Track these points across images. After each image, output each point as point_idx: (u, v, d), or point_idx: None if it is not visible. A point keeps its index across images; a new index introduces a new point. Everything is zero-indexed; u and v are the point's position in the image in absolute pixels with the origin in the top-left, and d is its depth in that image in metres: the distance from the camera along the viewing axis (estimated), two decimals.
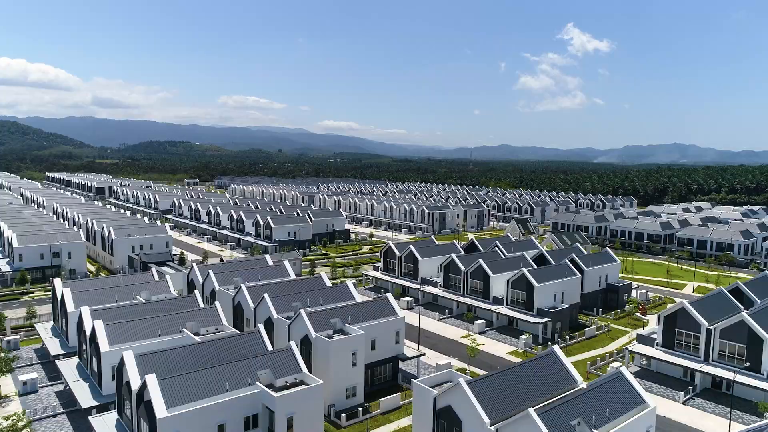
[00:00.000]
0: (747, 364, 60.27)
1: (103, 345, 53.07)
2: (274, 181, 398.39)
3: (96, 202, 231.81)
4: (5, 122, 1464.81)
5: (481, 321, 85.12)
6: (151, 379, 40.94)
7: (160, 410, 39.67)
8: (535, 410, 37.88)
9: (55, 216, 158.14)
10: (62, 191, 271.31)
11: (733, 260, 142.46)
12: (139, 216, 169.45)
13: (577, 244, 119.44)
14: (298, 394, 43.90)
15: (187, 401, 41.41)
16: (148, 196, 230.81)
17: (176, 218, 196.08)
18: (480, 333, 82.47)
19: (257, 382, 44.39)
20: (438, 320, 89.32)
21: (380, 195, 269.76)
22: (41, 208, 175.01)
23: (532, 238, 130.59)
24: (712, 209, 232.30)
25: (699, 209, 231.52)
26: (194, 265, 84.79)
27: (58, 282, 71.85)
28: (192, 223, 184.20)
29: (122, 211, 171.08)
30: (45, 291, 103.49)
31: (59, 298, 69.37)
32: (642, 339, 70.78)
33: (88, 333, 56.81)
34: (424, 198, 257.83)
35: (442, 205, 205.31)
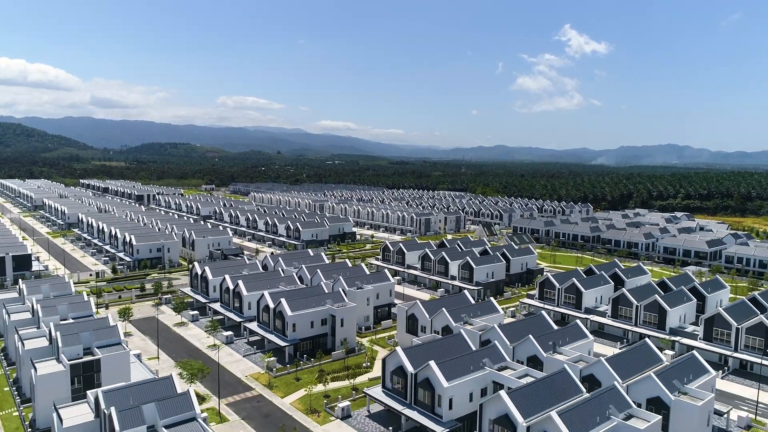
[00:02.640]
0: (575, 305, 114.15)
1: (244, 292, 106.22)
2: (285, 188, 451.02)
3: (158, 210, 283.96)
4: (10, 124, 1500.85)
5: (442, 289, 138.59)
6: (284, 300, 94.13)
7: (288, 313, 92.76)
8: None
9: (138, 222, 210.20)
10: (118, 200, 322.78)
11: (635, 254, 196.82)
12: (185, 220, 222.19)
13: (512, 243, 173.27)
14: (346, 308, 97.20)
15: (299, 310, 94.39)
16: (190, 203, 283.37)
17: (217, 222, 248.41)
18: (441, 296, 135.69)
19: (327, 304, 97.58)
20: (416, 290, 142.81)
21: (378, 202, 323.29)
22: (124, 216, 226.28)
23: (484, 239, 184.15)
24: (646, 215, 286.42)
25: (636, 215, 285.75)
26: (267, 255, 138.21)
27: (196, 264, 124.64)
28: (233, 226, 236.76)
29: (176, 216, 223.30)
30: (158, 273, 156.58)
31: (199, 273, 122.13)
32: (529, 296, 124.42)
33: (231, 288, 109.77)
34: (415, 205, 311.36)
35: (427, 212, 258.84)
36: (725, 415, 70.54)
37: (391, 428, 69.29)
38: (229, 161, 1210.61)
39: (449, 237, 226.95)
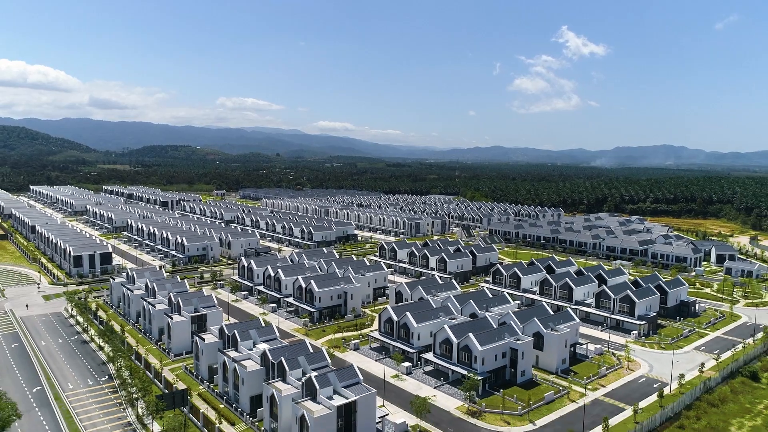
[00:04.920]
0: (516, 287, 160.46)
1: (283, 277, 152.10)
2: (291, 194, 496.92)
3: (191, 216, 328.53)
4: (14, 127, 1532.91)
5: (424, 278, 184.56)
6: (313, 281, 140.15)
7: (316, 290, 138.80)
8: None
9: (180, 226, 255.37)
10: (150, 206, 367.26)
11: (584, 252, 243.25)
12: (218, 224, 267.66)
13: (481, 243, 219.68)
14: (354, 287, 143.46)
15: (323, 288, 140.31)
16: (213, 209, 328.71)
17: (240, 226, 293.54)
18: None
19: (341, 285, 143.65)
20: (404, 278, 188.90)
21: (376, 208, 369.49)
22: (165, 221, 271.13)
23: (461, 239, 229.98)
24: (606, 218, 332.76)
25: (598, 218, 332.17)
26: (293, 251, 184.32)
27: (243, 258, 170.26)
28: (254, 229, 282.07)
29: (208, 221, 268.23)
30: (205, 267, 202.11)
31: (246, 265, 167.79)
32: (486, 282, 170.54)
33: (272, 275, 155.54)
34: (408, 210, 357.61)
35: (417, 216, 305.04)
36: (584, 346, 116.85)
37: (383, 353, 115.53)
38: (230, 163, 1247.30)
39: (435, 238, 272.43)
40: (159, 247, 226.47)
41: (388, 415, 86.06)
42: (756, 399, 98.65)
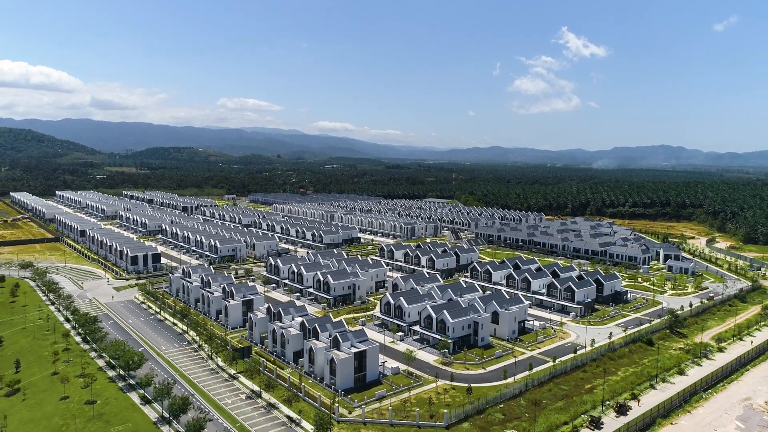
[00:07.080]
0: (488, 281, 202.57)
1: (305, 273, 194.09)
2: (298, 199, 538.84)
3: (215, 220, 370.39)
4: (21, 130, 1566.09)
5: (415, 273, 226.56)
6: (329, 276, 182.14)
7: (332, 282, 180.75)
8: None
9: (209, 230, 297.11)
10: (172, 211, 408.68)
11: (554, 252, 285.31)
12: (241, 228, 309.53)
13: (464, 245, 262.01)
14: (361, 279, 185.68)
15: (337, 280, 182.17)
16: (232, 214, 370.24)
17: (258, 230, 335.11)
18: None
19: (350, 278, 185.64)
20: (400, 274, 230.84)
21: (376, 213, 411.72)
22: (195, 226, 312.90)
23: (446, 241, 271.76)
24: (579, 222, 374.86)
25: (573, 222, 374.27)
26: (308, 252, 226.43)
27: (271, 258, 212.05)
28: (270, 233, 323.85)
29: (231, 226, 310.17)
30: (235, 265, 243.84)
31: (273, 264, 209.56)
32: (465, 276, 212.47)
33: (296, 271, 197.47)
34: (405, 215, 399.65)
35: (413, 221, 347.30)
36: (531, 322, 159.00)
37: (383, 327, 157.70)
38: (232, 165, 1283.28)
39: (428, 240, 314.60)
40: (194, 248, 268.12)
41: (386, 362, 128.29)
42: (645, 357, 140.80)
